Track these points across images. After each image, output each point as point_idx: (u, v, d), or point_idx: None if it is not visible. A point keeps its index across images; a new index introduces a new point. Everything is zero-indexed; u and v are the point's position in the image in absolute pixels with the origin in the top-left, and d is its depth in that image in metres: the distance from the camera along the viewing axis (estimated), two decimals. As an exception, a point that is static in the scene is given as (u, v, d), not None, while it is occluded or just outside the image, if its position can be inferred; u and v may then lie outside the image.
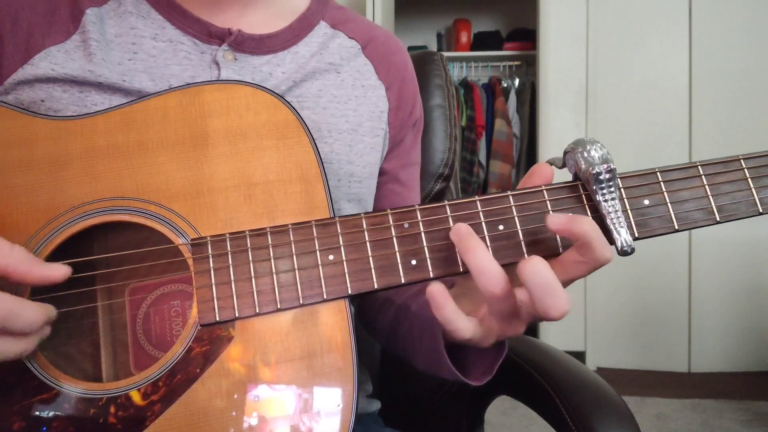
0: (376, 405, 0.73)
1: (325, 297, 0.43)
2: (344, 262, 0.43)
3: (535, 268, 0.39)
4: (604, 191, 0.42)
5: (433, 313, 0.42)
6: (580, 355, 2.53)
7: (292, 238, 0.44)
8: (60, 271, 0.40)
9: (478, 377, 0.49)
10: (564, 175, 0.45)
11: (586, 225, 0.39)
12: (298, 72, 0.60)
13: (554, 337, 2.56)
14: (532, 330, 2.68)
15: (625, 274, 2.53)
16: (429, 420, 0.85)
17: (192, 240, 0.43)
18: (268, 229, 0.44)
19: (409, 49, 0.73)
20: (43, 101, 0.52)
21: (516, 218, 0.44)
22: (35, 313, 0.38)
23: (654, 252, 2.45)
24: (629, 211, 0.44)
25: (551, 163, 0.46)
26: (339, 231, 0.44)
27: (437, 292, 0.42)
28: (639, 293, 2.56)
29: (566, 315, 0.39)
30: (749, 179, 0.45)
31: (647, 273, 2.54)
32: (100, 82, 0.53)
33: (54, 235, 0.43)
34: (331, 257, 0.43)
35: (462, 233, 0.42)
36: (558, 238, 0.44)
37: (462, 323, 0.42)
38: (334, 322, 0.43)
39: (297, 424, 0.41)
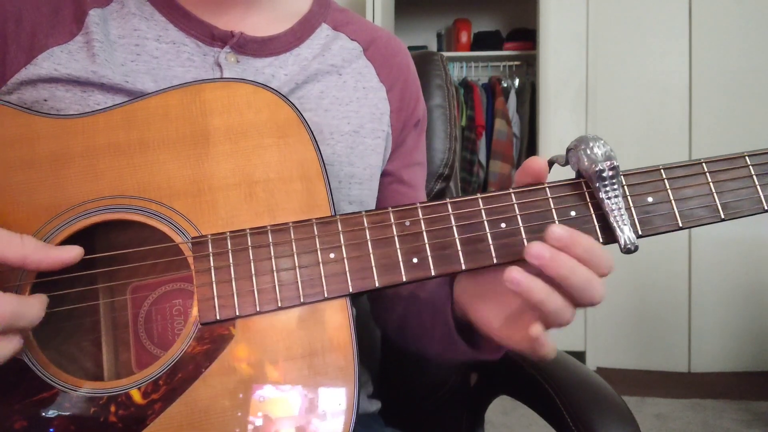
0: (376, 405, 0.73)
1: (326, 295, 0.43)
2: (345, 260, 0.43)
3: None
4: (607, 189, 0.42)
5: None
6: (580, 355, 2.52)
7: (293, 237, 0.43)
8: (73, 251, 0.41)
9: (491, 353, 0.50)
10: (567, 173, 0.45)
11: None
12: (300, 74, 0.60)
13: (554, 338, 2.55)
14: (532, 330, 2.67)
15: (625, 273, 2.53)
16: (429, 420, 0.85)
17: (193, 238, 0.43)
18: (268, 227, 0.44)
19: (409, 49, 0.73)
20: (46, 101, 0.52)
21: (518, 216, 0.44)
22: (37, 309, 0.39)
23: (654, 251, 2.45)
24: (633, 208, 0.44)
25: (554, 161, 0.46)
26: (340, 229, 0.44)
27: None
28: (639, 293, 2.56)
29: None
30: (754, 176, 0.45)
31: (647, 272, 2.54)
32: (103, 83, 0.53)
33: (55, 234, 0.43)
34: (332, 255, 0.43)
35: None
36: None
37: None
38: (336, 321, 0.43)
39: (298, 423, 0.41)
